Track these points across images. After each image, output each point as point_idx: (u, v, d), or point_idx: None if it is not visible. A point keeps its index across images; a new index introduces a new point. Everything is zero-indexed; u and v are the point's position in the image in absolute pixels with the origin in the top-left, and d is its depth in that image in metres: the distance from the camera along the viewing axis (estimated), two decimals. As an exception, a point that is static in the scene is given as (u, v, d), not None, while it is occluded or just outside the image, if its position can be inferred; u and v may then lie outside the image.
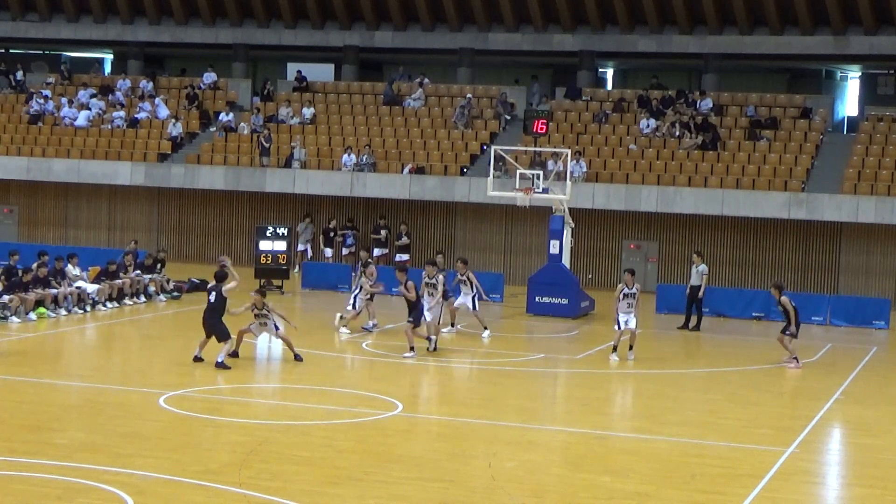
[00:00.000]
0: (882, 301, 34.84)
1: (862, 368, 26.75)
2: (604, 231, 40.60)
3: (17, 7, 51.29)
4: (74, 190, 44.77)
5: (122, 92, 47.90)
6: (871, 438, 19.67)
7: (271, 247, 35.87)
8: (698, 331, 31.27)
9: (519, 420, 19.85)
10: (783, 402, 22.59)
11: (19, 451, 16.24)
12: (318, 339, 27.60)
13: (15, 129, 46.40)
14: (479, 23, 46.86)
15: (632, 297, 25.81)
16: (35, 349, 25.27)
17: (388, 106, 45.59)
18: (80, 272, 31.36)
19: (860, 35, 43.49)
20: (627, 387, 23.20)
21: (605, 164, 41.01)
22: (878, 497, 16.11)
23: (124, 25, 50.52)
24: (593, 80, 47.24)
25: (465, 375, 23.92)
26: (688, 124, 41.96)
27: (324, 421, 19.08)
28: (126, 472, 15.19)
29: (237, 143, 44.36)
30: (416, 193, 41.20)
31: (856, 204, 37.67)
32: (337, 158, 42.59)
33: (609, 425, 19.59)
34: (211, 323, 23.24)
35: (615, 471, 16.62)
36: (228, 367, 22.92)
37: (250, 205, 43.56)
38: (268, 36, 49.13)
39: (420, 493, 15.08)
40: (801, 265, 39.18)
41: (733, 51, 44.91)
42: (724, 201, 38.57)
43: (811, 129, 41.80)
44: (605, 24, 45.88)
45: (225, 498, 14.50)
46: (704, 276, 31.73)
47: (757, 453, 18.00)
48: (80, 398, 20.59)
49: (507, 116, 44.29)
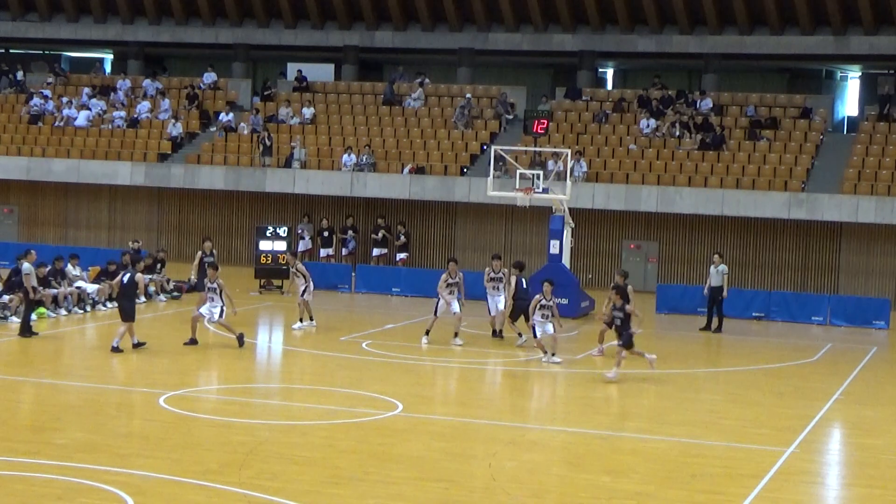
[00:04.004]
0: (882, 301, 34.84)
1: (862, 368, 26.75)
2: (604, 231, 40.60)
3: (17, 7, 51.29)
4: (74, 190, 44.77)
5: (122, 92, 47.91)
6: (871, 438, 19.67)
7: (271, 247, 35.91)
8: (720, 332, 31.16)
9: (519, 420, 19.85)
10: (783, 402, 22.59)
11: (19, 451, 16.24)
12: (319, 339, 27.61)
13: (15, 129, 46.40)
14: (479, 23, 46.87)
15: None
16: (35, 349, 25.27)
17: (388, 106, 45.60)
18: (80, 272, 31.36)
19: (860, 35, 43.50)
20: (627, 387, 23.19)
21: (605, 164, 41.02)
22: (878, 497, 16.11)
23: (124, 25, 50.53)
24: (593, 80, 47.24)
25: (465, 375, 23.92)
26: (688, 124, 41.97)
27: (324, 421, 19.08)
28: (126, 472, 15.19)
29: (237, 143, 44.36)
30: (416, 193, 41.20)
31: (856, 204, 37.68)
32: (337, 158, 42.60)
33: (609, 425, 19.59)
34: (121, 304, 24.67)
35: (615, 471, 16.62)
36: (122, 350, 24.09)
37: (250, 205, 43.56)
38: (268, 36, 49.14)
39: (420, 493, 15.08)
40: (801, 265, 39.18)
41: (733, 51, 44.93)
42: (724, 201, 38.58)
43: (811, 129, 41.81)
44: (605, 24, 45.89)
45: (225, 498, 14.50)
46: (725, 276, 31.67)
47: (757, 453, 18.00)
48: (80, 398, 20.58)
49: (508, 116, 44.30)
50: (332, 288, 36.49)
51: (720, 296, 31.42)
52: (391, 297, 36.41)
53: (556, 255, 33.34)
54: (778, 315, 34.10)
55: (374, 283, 37.04)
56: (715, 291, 31.52)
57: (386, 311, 33.23)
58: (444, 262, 33.42)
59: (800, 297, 35.20)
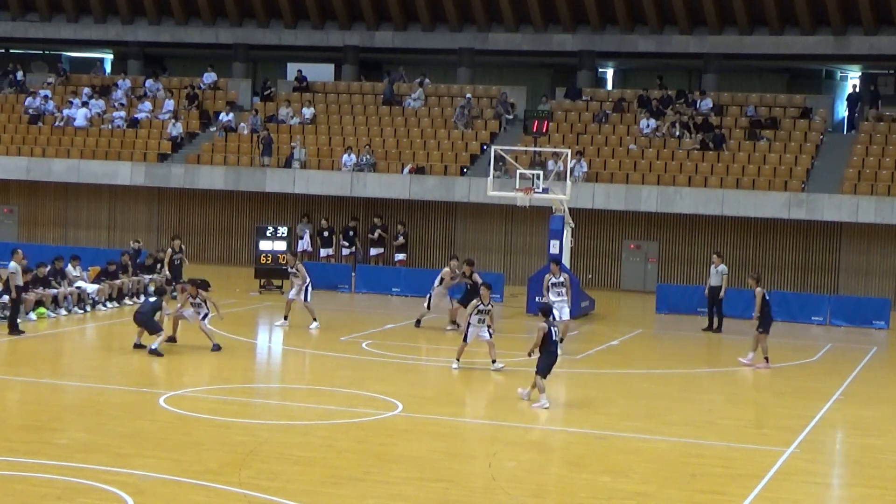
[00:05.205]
0: (882, 301, 34.84)
1: (862, 368, 26.75)
2: (604, 231, 40.60)
3: (17, 7, 51.29)
4: (74, 190, 44.76)
5: (122, 92, 47.90)
6: (871, 438, 19.67)
7: (271, 247, 35.91)
8: (720, 332, 31.18)
9: (519, 420, 19.85)
10: (783, 402, 22.59)
11: (19, 451, 16.24)
12: (319, 339, 27.61)
13: (15, 129, 46.40)
14: (479, 23, 46.86)
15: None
16: (35, 349, 25.27)
17: (388, 106, 45.59)
18: (80, 272, 31.36)
19: (860, 35, 43.49)
20: (627, 387, 23.19)
21: (605, 164, 41.01)
22: (878, 497, 16.11)
23: (124, 25, 50.52)
24: (593, 80, 47.23)
25: (465, 375, 23.91)
26: (688, 124, 41.97)
27: (324, 421, 19.08)
28: (126, 472, 15.19)
29: (237, 143, 44.35)
30: (416, 193, 41.20)
31: (856, 204, 37.67)
32: (337, 158, 42.59)
33: (609, 425, 19.59)
34: (142, 320, 24.70)
35: (615, 471, 16.62)
36: (161, 353, 24.05)
37: (250, 205, 43.56)
38: (268, 36, 49.13)
39: (420, 493, 15.08)
40: (801, 265, 39.18)
41: (733, 51, 44.91)
42: (724, 201, 38.57)
43: (811, 129, 41.81)
44: (605, 24, 45.88)
45: (225, 498, 14.50)
46: (725, 277, 31.69)
47: (757, 453, 18.00)
48: (80, 398, 20.59)
49: (508, 116, 44.29)
50: (332, 288, 36.49)
51: (719, 296, 31.43)
52: (391, 297, 36.41)
53: (556, 255, 33.30)
54: (778, 315, 33.91)
55: (374, 283, 37.04)
56: (714, 291, 31.54)
57: (386, 311, 33.23)
58: (444, 263, 33.37)
59: (800, 297, 35.20)
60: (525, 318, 32.69)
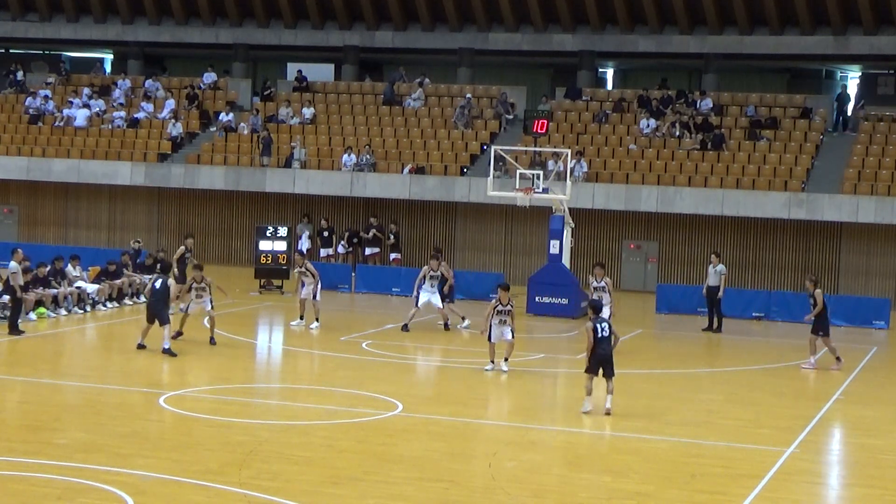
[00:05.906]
0: (882, 301, 34.84)
1: (862, 368, 26.75)
2: (604, 231, 40.60)
3: (17, 7, 51.29)
4: (74, 190, 44.77)
5: (122, 92, 47.90)
6: (871, 438, 19.67)
7: (271, 247, 35.90)
8: (720, 332, 31.16)
9: (519, 420, 19.85)
10: (783, 402, 22.59)
11: (19, 451, 16.23)
12: (319, 339, 27.61)
13: (15, 129, 46.41)
14: (479, 23, 46.86)
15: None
16: (35, 349, 25.27)
17: (388, 106, 45.59)
18: (80, 272, 31.36)
19: (860, 35, 43.50)
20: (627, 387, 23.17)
21: (605, 164, 41.02)
22: (878, 497, 16.10)
23: (124, 25, 50.53)
24: (593, 80, 47.24)
25: (465, 375, 23.91)
26: (688, 124, 41.97)
27: (324, 421, 19.08)
28: (126, 472, 15.18)
29: (237, 143, 44.36)
30: (416, 193, 41.20)
31: (856, 204, 37.68)
32: (337, 158, 42.60)
33: (609, 425, 19.59)
34: (156, 309, 24.26)
35: (615, 471, 16.61)
36: (175, 353, 23.79)
37: (250, 205, 43.56)
38: (268, 36, 49.14)
39: (420, 493, 15.07)
40: (801, 265, 39.17)
41: (733, 51, 44.93)
42: (724, 201, 38.58)
43: (811, 129, 41.81)
44: (605, 24, 45.89)
45: (225, 498, 14.49)
46: (723, 276, 31.65)
47: (757, 453, 17.99)
48: (80, 398, 20.58)
49: (508, 116, 44.29)
50: (332, 288, 36.45)
51: (717, 296, 31.43)
52: (391, 297, 36.41)
53: (556, 255, 33.35)
54: (778, 315, 34.09)
55: (373, 283, 37.04)
56: (712, 291, 31.55)
57: (386, 311, 33.22)
58: (444, 262, 33.39)
59: (800, 297, 35.07)
60: (525, 318, 32.66)
